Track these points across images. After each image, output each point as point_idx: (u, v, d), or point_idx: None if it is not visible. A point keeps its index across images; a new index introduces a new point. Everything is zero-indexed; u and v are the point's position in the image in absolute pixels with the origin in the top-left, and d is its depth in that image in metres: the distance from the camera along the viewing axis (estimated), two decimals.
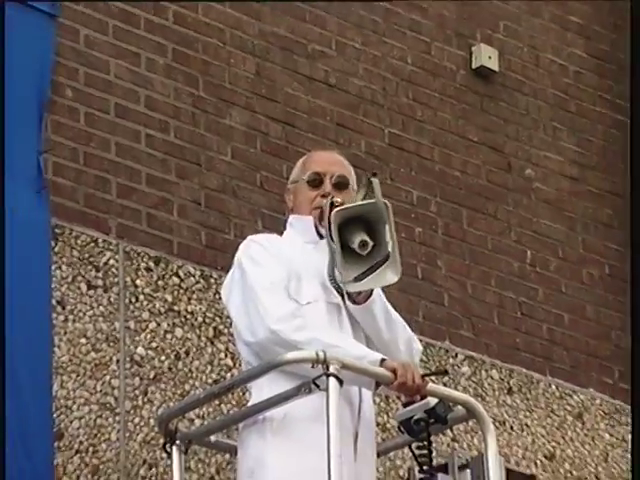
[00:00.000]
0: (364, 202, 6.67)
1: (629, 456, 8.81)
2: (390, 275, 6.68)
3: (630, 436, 5.47)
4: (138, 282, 7.74)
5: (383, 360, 6.50)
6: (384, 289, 6.89)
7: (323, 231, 6.71)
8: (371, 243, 6.59)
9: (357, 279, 6.56)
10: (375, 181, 6.66)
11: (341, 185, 6.90)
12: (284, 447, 6.41)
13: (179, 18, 8.20)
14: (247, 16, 8.39)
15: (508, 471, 6.86)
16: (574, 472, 8.58)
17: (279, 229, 7.11)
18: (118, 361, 7.55)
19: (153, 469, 7.44)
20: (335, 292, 6.73)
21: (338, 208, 6.61)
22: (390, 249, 6.62)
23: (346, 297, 6.71)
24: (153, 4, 8.16)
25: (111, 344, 7.56)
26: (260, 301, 6.60)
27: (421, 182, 8.53)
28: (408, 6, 8.91)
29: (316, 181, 6.91)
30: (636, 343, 6.63)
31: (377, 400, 7.00)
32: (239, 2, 8.45)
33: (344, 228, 6.58)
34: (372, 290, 6.73)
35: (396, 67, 8.81)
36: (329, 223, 6.59)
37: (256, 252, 6.82)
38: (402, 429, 6.69)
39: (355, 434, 6.58)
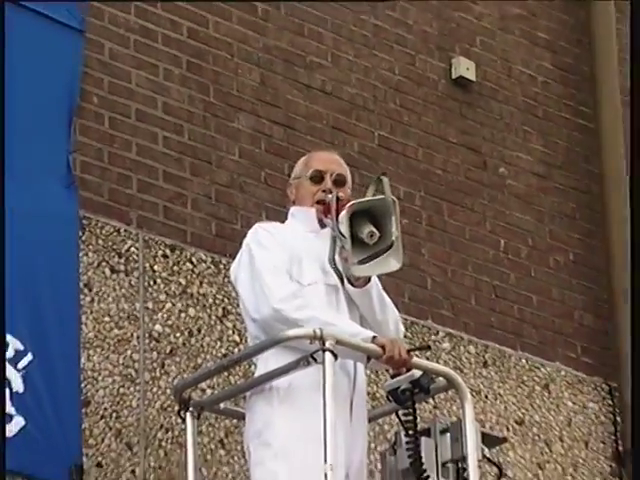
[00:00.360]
0: (375, 197, 6.76)
1: (589, 421, 8.89)
2: (393, 262, 6.77)
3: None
4: (156, 267, 7.75)
5: (374, 337, 6.57)
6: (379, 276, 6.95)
7: (328, 222, 6.76)
8: (378, 234, 6.65)
9: (361, 262, 6.63)
10: (385, 179, 6.76)
11: (339, 182, 6.96)
12: (289, 412, 6.50)
13: (192, 33, 8.19)
14: (252, 31, 8.38)
15: (483, 434, 6.84)
16: (541, 435, 8.60)
17: (281, 220, 7.14)
18: (138, 337, 7.57)
19: (169, 433, 7.45)
20: (335, 275, 6.78)
21: (354, 201, 6.70)
22: (394, 239, 6.68)
23: (346, 281, 6.75)
24: (170, 21, 8.13)
25: (132, 322, 7.58)
26: (265, 282, 6.66)
27: (407, 179, 8.54)
28: (395, 22, 8.90)
29: (317, 178, 6.97)
30: (636, 343, 6.20)
31: (368, 372, 6.99)
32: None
33: (352, 220, 6.66)
34: (371, 276, 6.79)
35: (385, 77, 8.80)
36: (337, 214, 6.68)
37: (263, 238, 6.88)
38: (390, 398, 6.77)
39: (351, 402, 6.67)
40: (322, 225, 6.92)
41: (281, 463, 6.45)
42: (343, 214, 6.69)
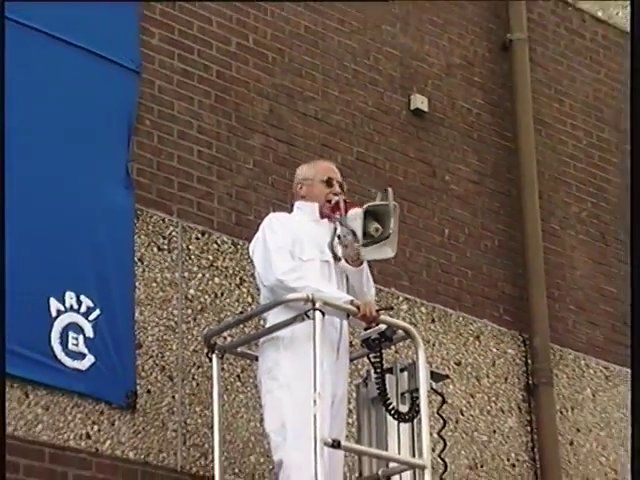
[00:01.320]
0: (383, 202, 6.85)
1: (508, 363, 8.84)
2: (389, 250, 6.89)
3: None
4: (190, 247, 7.71)
5: (352, 300, 6.67)
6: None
7: (337, 217, 6.90)
8: (382, 229, 6.79)
9: (364, 245, 6.77)
10: (390, 191, 6.85)
11: (342, 187, 7.10)
12: (292, 355, 6.60)
13: (219, 74, 8.14)
14: (264, 73, 8.34)
15: (431, 372, 6.91)
16: (473, 373, 8.58)
17: (284, 212, 7.24)
18: (177, 298, 7.56)
19: (200, 369, 7.43)
20: (330, 254, 6.88)
21: (368, 204, 6.84)
22: (391, 232, 6.79)
23: (344, 261, 6.87)
24: (203, 65, 8.10)
25: (172, 287, 7.56)
26: (272, 259, 6.76)
27: (376, 184, 8.39)
28: (369, 67, 8.84)
29: (329, 183, 7.06)
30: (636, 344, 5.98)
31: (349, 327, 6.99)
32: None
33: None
34: (364, 260, 6.91)
35: (361, 108, 8.75)
36: (346, 212, 6.86)
37: (274, 224, 6.97)
38: (363, 345, 6.89)
39: (338, 348, 6.77)
40: (322, 216, 7.02)
41: (285, 392, 6.55)
42: (358, 212, 6.82)
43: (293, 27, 8.65)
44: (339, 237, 6.91)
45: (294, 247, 6.85)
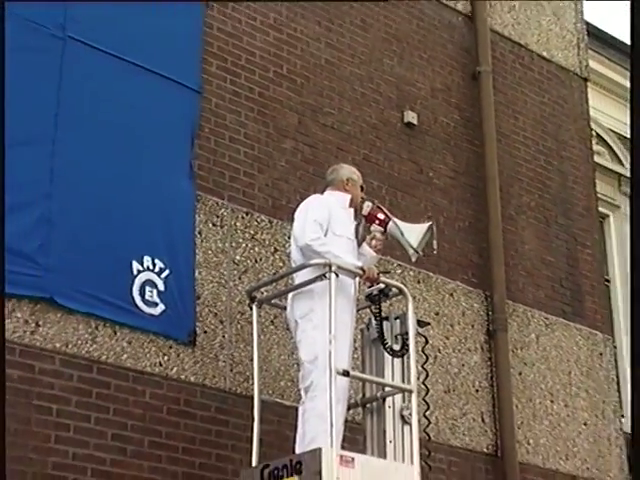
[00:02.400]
0: (427, 227, 6.98)
1: (475, 308, 8.82)
2: (411, 250, 6.93)
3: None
4: (237, 224, 7.66)
5: (361, 266, 6.65)
6: None
7: (364, 211, 6.95)
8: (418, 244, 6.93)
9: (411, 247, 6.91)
10: (434, 227, 7.03)
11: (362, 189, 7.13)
12: (323, 304, 6.44)
13: (260, 94, 8.09)
14: (294, 93, 8.26)
15: (417, 320, 6.87)
16: (448, 321, 8.54)
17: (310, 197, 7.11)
18: (226, 263, 7.51)
19: (243, 316, 7.37)
20: (353, 234, 6.82)
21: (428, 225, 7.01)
22: (417, 245, 6.90)
23: (368, 248, 6.87)
24: (247, 87, 8.04)
25: (223, 254, 7.52)
26: (307, 227, 6.66)
27: (378, 178, 8.44)
28: (373, 90, 8.77)
29: (362, 188, 7.03)
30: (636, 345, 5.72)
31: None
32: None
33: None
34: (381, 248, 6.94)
35: (367, 120, 8.66)
36: (384, 215, 6.92)
37: (317, 202, 6.88)
38: (366, 299, 6.84)
39: (354, 299, 6.73)
40: (350, 205, 6.94)
41: (318, 332, 6.45)
42: (422, 227, 6.98)
43: (316, 59, 8.60)
44: (369, 231, 6.93)
45: (329, 222, 6.74)
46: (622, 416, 9.77)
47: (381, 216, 6.92)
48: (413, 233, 6.90)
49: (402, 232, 6.89)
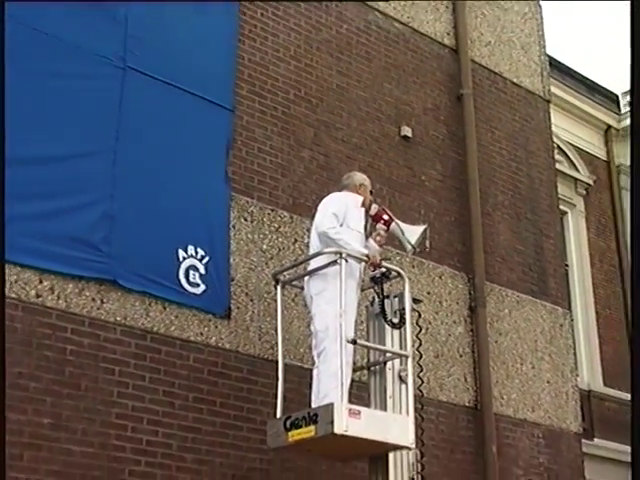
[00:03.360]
0: (422, 228, 6.92)
1: (459, 292, 8.75)
2: (409, 246, 6.89)
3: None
4: (264, 219, 7.58)
5: (367, 254, 6.57)
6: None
7: (371, 212, 6.82)
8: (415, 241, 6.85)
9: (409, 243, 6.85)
10: (428, 230, 6.96)
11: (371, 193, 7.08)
12: (334, 284, 6.37)
13: (283, 113, 8.00)
14: (310, 112, 8.18)
15: (412, 298, 6.80)
16: (437, 298, 8.45)
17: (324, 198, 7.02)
18: (255, 251, 7.44)
19: (269, 294, 7.31)
20: (362, 229, 6.71)
21: (425, 227, 6.95)
22: (414, 243, 6.84)
23: (373, 241, 6.73)
24: (272, 107, 7.99)
25: (252, 243, 7.41)
26: (326, 218, 6.59)
27: (380, 181, 8.32)
28: (375, 109, 8.69)
29: (371, 193, 6.99)
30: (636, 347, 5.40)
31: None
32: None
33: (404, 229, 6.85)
34: (384, 241, 6.82)
35: (371, 134, 8.57)
36: (389, 216, 6.82)
37: (335, 198, 6.81)
38: (371, 281, 6.78)
39: (360, 281, 6.66)
40: (361, 206, 6.84)
41: (329, 306, 6.38)
42: (416, 228, 6.91)
43: (328, 84, 8.51)
44: (375, 228, 6.81)
45: (345, 216, 6.66)
46: (577, 375, 9.76)
47: (385, 217, 6.84)
48: (412, 233, 6.85)
49: (402, 231, 6.84)
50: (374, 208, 6.90)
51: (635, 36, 4.88)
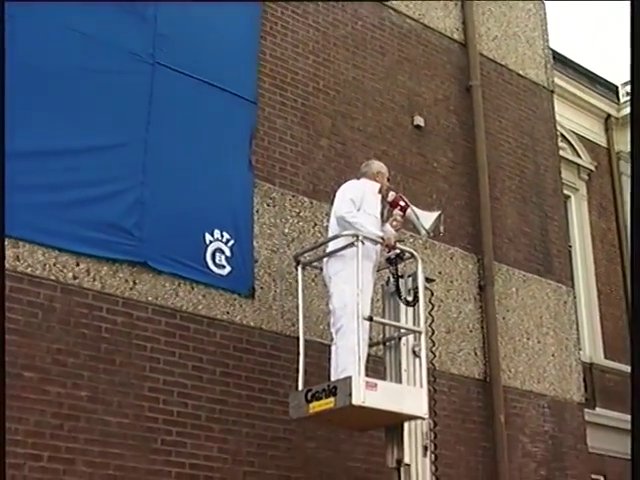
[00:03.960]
0: (437, 214, 6.79)
1: (468, 272, 8.65)
2: (423, 231, 6.79)
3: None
4: (286, 204, 7.52)
5: (382, 236, 6.50)
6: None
7: (389, 198, 6.70)
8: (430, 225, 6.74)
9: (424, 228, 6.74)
10: (442, 216, 6.83)
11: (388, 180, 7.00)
12: (352, 265, 6.29)
13: (302, 104, 7.91)
14: (329, 103, 8.09)
15: (425, 278, 6.73)
16: (448, 277, 8.40)
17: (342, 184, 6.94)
18: (277, 234, 7.38)
19: (291, 275, 7.21)
20: (378, 215, 6.62)
21: (438, 213, 6.79)
22: (428, 228, 6.72)
23: (389, 225, 6.64)
24: (292, 99, 7.93)
25: (274, 227, 7.40)
26: (344, 203, 6.52)
27: (394, 168, 8.13)
28: (389, 100, 8.59)
29: (388, 180, 6.90)
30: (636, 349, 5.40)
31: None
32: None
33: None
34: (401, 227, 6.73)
35: (386, 124, 8.46)
36: (405, 202, 6.69)
37: (352, 185, 6.75)
38: (386, 262, 6.69)
39: (376, 262, 6.58)
40: (379, 192, 6.76)
41: (347, 285, 6.31)
42: (432, 215, 6.78)
43: (345, 77, 8.41)
44: (392, 214, 6.72)
45: (362, 202, 6.58)
46: (580, 349, 9.70)
47: (402, 203, 6.75)
48: (426, 218, 6.76)
49: (418, 217, 6.74)
50: (391, 195, 6.81)
51: (635, 36, 4.75)
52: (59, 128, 6.45)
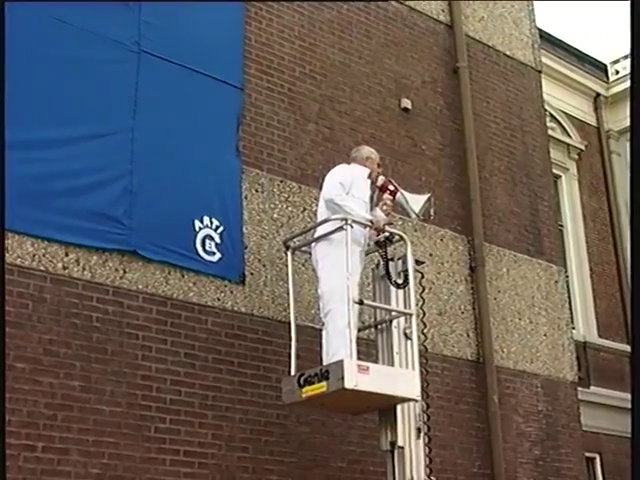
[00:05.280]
0: (426, 197, 6.79)
1: (459, 254, 8.75)
2: (413, 215, 6.82)
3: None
4: (274, 190, 7.50)
5: (370, 219, 6.51)
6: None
7: (378, 183, 6.71)
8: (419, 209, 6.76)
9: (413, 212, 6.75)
10: (432, 200, 6.82)
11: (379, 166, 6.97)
12: (339, 248, 6.32)
13: (289, 89, 7.86)
14: (316, 87, 8.09)
15: (415, 260, 6.72)
16: (439, 259, 8.42)
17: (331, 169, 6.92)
18: (266, 220, 7.34)
19: (281, 260, 7.21)
20: (367, 199, 6.63)
21: (428, 195, 6.81)
22: (418, 212, 6.75)
23: (380, 209, 6.62)
24: (279, 84, 7.94)
25: (263, 213, 7.37)
26: (333, 187, 6.53)
27: (382, 152, 7.92)
28: (377, 83, 8.60)
29: (378, 165, 6.90)
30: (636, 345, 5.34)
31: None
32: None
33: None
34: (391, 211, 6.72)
35: (373, 107, 8.46)
36: (394, 186, 6.69)
37: (340, 169, 6.76)
38: (375, 245, 6.69)
39: (364, 245, 6.59)
40: (368, 177, 6.76)
41: (334, 269, 6.32)
42: (422, 197, 6.78)
43: (331, 61, 8.40)
44: (381, 199, 6.72)
45: (351, 186, 6.58)
46: (572, 328, 9.75)
47: (391, 187, 6.75)
48: (415, 202, 6.77)
49: (407, 201, 6.75)
50: (381, 180, 6.81)
51: (635, 36, 4.69)
52: (45, 118, 6.44)
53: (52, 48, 6.62)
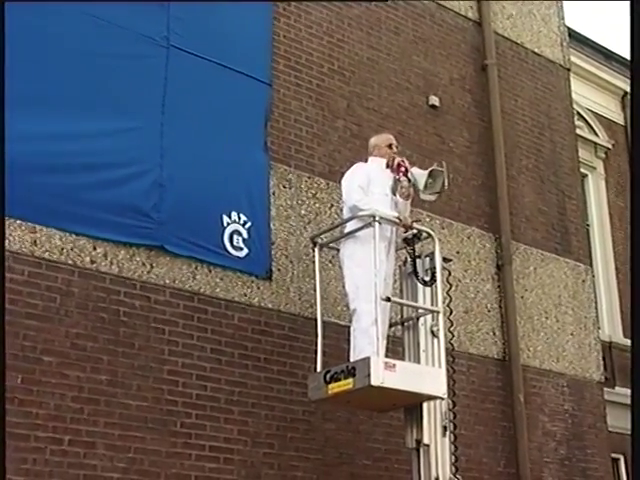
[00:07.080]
0: (439, 168, 6.61)
1: (486, 251, 8.62)
2: (432, 198, 6.75)
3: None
4: (302, 186, 7.44)
5: (398, 216, 6.44)
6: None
7: (403, 169, 6.55)
8: (434, 184, 6.60)
9: (423, 192, 6.59)
10: (444, 164, 6.66)
11: (397, 148, 6.87)
12: (365, 247, 6.28)
13: (318, 85, 7.84)
14: (344, 84, 8.04)
15: (443, 257, 6.60)
16: (466, 256, 8.37)
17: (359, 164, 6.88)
18: (294, 216, 7.31)
19: (308, 256, 7.18)
20: (390, 192, 6.53)
21: (432, 168, 6.59)
22: (438, 189, 6.60)
23: (398, 195, 6.50)
24: (308, 80, 7.86)
25: (291, 209, 7.32)
26: (352, 191, 6.46)
27: (408, 146, 8.12)
28: (405, 80, 8.53)
29: (390, 147, 6.76)
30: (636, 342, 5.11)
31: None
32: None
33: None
34: (410, 195, 6.56)
35: (402, 105, 8.40)
36: (405, 168, 6.54)
37: (357, 168, 6.68)
38: (403, 242, 6.62)
39: (389, 242, 6.51)
40: (387, 167, 6.66)
41: (359, 268, 6.29)
42: (424, 172, 6.58)
43: (360, 57, 8.34)
44: (399, 181, 6.57)
45: (369, 184, 6.51)
46: (599, 328, 9.63)
47: (403, 169, 6.64)
48: (420, 178, 6.65)
49: (415, 179, 6.63)
50: (396, 161, 6.72)
51: (635, 36, 4.71)
52: (75, 111, 6.41)
53: (81, 42, 6.57)
